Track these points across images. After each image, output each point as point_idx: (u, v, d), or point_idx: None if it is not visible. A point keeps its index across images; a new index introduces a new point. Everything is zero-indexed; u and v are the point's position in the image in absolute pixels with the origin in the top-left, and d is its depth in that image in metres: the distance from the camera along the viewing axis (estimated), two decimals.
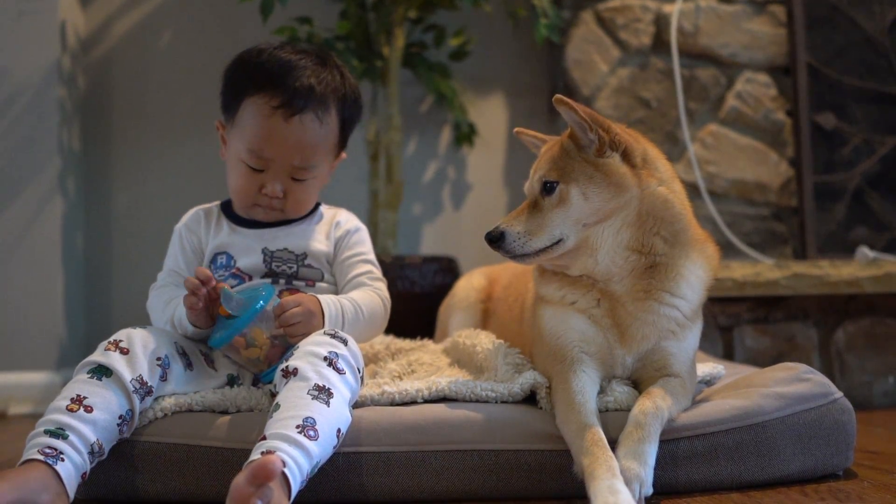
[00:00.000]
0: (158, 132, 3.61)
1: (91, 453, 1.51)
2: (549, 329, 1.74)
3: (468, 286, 2.47)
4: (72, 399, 1.53)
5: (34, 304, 3.20)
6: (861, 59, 3.53)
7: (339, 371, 1.56)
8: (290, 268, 1.89)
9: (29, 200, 3.21)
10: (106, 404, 1.55)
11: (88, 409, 1.52)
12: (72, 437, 1.49)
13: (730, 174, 3.42)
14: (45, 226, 3.22)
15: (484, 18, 3.65)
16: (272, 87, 1.84)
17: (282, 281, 1.89)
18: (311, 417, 1.44)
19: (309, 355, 1.56)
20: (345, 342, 1.62)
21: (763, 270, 3.06)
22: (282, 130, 1.83)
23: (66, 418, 1.50)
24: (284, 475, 1.36)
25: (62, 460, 1.46)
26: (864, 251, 3.29)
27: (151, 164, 3.61)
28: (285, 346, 1.71)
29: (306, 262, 1.92)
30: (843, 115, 3.50)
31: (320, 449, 1.44)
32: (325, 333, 1.64)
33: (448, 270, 3.16)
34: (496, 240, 1.69)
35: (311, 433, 1.43)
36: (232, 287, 1.77)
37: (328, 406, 1.49)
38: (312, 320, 1.72)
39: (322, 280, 1.93)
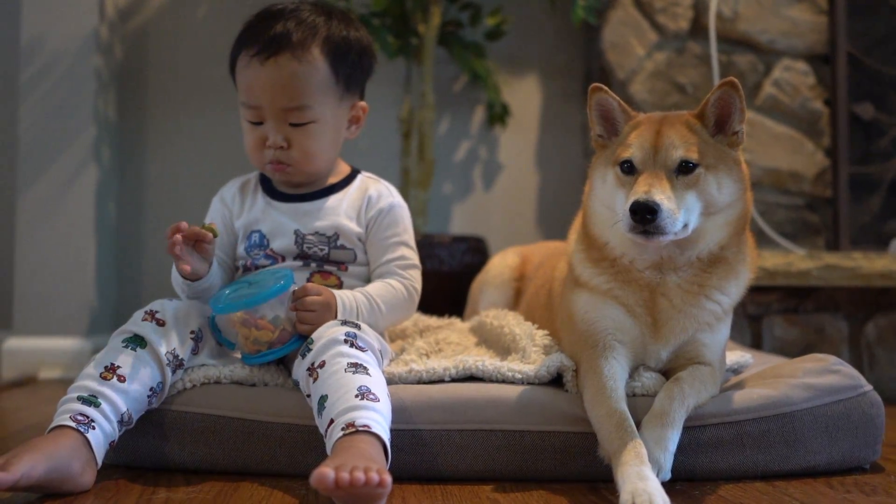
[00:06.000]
0: (193, 102, 3.62)
1: (120, 422, 1.53)
2: (583, 314, 1.71)
3: (502, 263, 2.46)
4: (106, 367, 1.55)
5: (66, 270, 3.23)
6: None
7: (360, 349, 1.57)
8: (322, 250, 1.86)
9: (64, 167, 3.24)
10: (139, 375, 1.57)
11: (122, 379, 1.54)
12: (104, 406, 1.50)
13: (764, 162, 3.38)
14: (78, 193, 3.25)
15: None
16: (251, 39, 1.84)
17: (313, 264, 1.87)
18: (363, 386, 1.48)
19: (329, 344, 1.57)
20: (357, 326, 1.63)
21: (795, 260, 3.03)
22: (260, 74, 1.81)
23: (98, 386, 1.52)
24: (375, 434, 1.41)
25: (93, 428, 1.48)
26: None
27: (185, 134, 3.63)
28: (292, 332, 1.70)
29: (338, 242, 1.87)
30: (882, 105, 3.45)
31: (385, 407, 1.48)
32: (335, 323, 1.65)
33: (477, 250, 3.16)
34: (651, 212, 1.50)
35: (371, 396, 1.46)
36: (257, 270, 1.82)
37: (370, 375, 1.51)
38: (327, 313, 1.71)
39: (355, 262, 1.89)
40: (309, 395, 1.56)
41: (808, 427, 1.62)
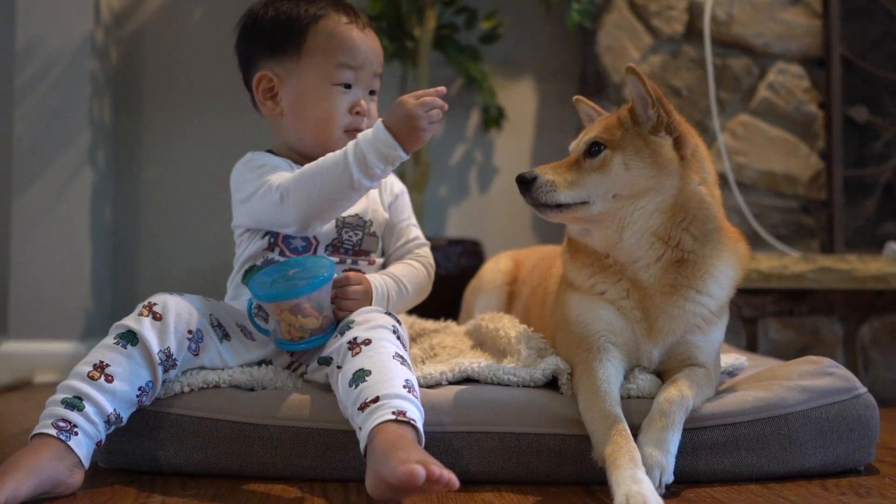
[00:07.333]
0: (188, 106, 3.62)
1: (107, 423, 1.52)
2: (576, 316, 1.73)
3: (495, 268, 2.47)
4: (94, 366, 1.53)
5: (62, 274, 3.23)
6: None
7: (404, 345, 1.61)
8: (357, 235, 1.89)
9: (59, 171, 3.24)
10: (127, 375, 1.55)
11: (109, 379, 1.53)
12: (88, 409, 1.49)
13: (759, 165, 3.39)
14: (74, 197, 3.25)
15: (516, 2, 3.64)
16: (334, 9, 1.89)
17: (348, 261, 1.88)
18: (409, 380, 1.50)
19: (377, 327, 1.59)
20: (399, 321, 1.66)
21: (790, 263, 3.04)
22: (362, 37, 1.88)
23: (85, 387, 1.51)
24: (413, 426, 1.42)
25: (76, 434, 1.47)
26: (893, 247, 3.26)
27: (181, 138, 3.63)
28: (332, 319, 1.71)
29: (371, 229, 1.91)
30: (876, 108, 3.46)
31: (421, 410, 1.49)
32: (380, 309, 1.68)
33: (473, 253, 3.17)
34: (526, 181, 1.67)
35: (415, 393, 1.49)
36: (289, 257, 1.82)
37: (411, 371, 1.54)
38: (365, 301, 1.76)
39: (377, 252, 1.94)
40: (340, 367, 1.56)
41: (802, 429, 1.62)
